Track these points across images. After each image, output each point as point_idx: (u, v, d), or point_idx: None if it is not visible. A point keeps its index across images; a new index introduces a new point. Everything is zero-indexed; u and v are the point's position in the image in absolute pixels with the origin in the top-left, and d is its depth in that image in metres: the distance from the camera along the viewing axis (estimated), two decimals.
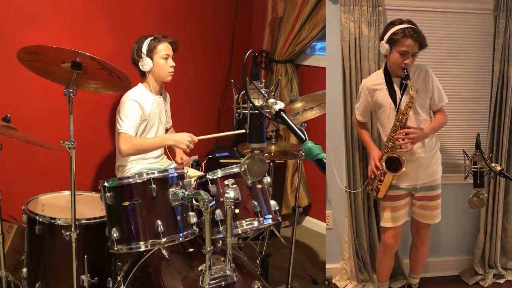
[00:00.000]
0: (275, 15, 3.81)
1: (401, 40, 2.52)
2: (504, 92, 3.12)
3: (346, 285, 3.25)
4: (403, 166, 2.62)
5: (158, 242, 2.11)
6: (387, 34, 2.57)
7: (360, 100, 2.80)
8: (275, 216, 2.36)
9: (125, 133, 2.69)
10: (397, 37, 2.53)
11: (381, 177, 2.70)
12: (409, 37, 2.51)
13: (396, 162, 2.65)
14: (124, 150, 2.68)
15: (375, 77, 2.76)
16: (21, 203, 2.47)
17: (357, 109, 2.85)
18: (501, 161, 3.18)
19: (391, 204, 2.79)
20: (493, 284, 3.30)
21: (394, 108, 2.66)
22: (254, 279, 2.17)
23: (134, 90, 2.81)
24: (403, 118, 2.61)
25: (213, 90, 3.95)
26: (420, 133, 2.64)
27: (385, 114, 2.71)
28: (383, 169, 2.66)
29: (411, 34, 2.51)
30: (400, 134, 2.61)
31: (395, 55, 2.57)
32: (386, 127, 2.72)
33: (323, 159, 1.41)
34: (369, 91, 2.73)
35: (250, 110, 1.62)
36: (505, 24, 3.06)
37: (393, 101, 2.67)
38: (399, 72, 2.60)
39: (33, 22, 2.86)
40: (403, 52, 2.54)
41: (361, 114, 2.84)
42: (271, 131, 3.03)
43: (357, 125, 2.92)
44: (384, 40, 2.58)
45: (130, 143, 2.68)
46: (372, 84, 2.73)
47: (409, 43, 2.52)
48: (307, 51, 3.93)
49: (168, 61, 2.83)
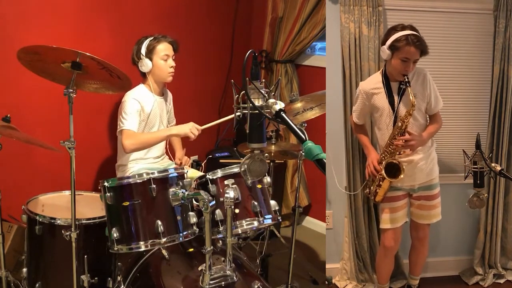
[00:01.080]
0: (275, 15, 3.81)
1: (403, 47, 2.50)
2: (504, 92, 3.12)
3: (346, 285, 3.25)
4: (402, 173, 2.62)
5: (158, 242, 2.10)
6: (389, 40, 2.54)
7: (357, 103, 2.79)
8: (275, 216, 2.35)
9: (128, 130, 2.68)
10: (399, 44, 2.51)
11: (380, 182, 2.70)
12: (412, 45, 2.49)
13: (395, 168, 2.65)
14: (127, 146, 2.65)
15: (373, 81, 2.74)
16: (21, 203, 2.47)
17: (354, 111, 2.84)
18: (501, 161, 3.18)
19: (389, 205, 2.79)
20: (493, 284, 3.30)
21: (392, 113, 2.66)
22: (254, 279, 2.17)
23: (135, 90, 2.81)
24: (403, 125, 2.60)
25: (213, 90, 3.95)
26: (419, 139, 2.64)
27: (382, 119, 2.71)
28: (382, 174, 2.65)
29: (414, 42, 2.49)
30: (400, 141, 2.61)
31: (396, 62, 2.56)
32: (383, 130, 2.72)
33: (323, 159, 1.41)
34: (366, 95, 2.71)
35: (250, 110, 1.62)
36: (505, 24, 3.06)
37: (391, 106, 2.66)
38: (399, 78, 2.60)
39: (33, 22, 2.86)
40: (404, 59, 2.52)
41: (358, 117, 2.83)
42: (271, 131, 3.03)
43: (354, 126, 2.91)
44: (386, 46, 2.56)
45: (133, 138, 2.67)
46: (370, 88, 2.71)
47: (411, 50, 2.50)
48: (307, 51, 3.93)
49: (168, 61, 2.82)
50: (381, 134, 2.75)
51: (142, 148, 2.77)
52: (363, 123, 2.89)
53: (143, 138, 2.74)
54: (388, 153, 2.66)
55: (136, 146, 2.70)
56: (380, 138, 2.77)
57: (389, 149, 2.65)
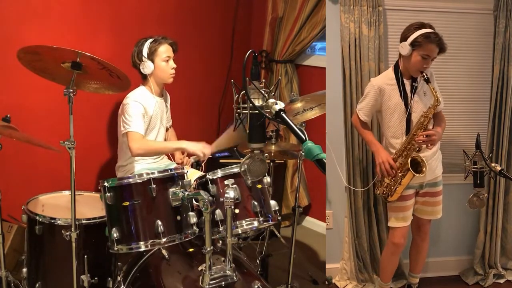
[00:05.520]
0: (275, 15, 3.82)
1: (425, 44, 2.55)
2: (504, 92, 3.12)
3: (346, 285, 3.25)
4: (424, 167, 2.63)
5: (158, 242, 2.10)
6: (412, 37, 2.57)
7: (366, 99, 2.75)
8: (275, 216, 2.36)
9: (134, 132, 2.66)
10: (421, 41, 2.55)
11: (401, 179, 2.69)
12: (434, 43, 2.55)
13: (415, 164, 2.66)
14: (135, 150, 2.65)
15: (386, 77, 2.75)
16: (21, 203, 2.48)
17: (361, 109, 2.79)
18: (501, 161, 3.18)
19: (400, 204, 2.80)
20: (493, 284, 3.30)
21: (405, 110, 2.67)
22: (254, 279, 2.17)
23: (137, 92, 2.79)
24: (425, 121, 2.62)
25: (213, 90, 3.95)
26: (439, 134, 2.67)
27: (394, 116, 2.71)
28: (405, 170, 2.65)
29: (435, 39, 2.55)
30: (421, 136, 2.62)
31: (417, 58, 2.59)
32: (393, 128, 2.72)
33: (323, 159, 1.41)
34: (380, 90, 2.70)
35: (250, 110, 1.62)
36: (505, 24, 3.06)
37: (404, 103, 2.67)
38: (416, 74, 2.64)
39: (33, 22, 2.86)
40: (425, 56, 2.57)
41: (366, 114, 2.79)
42: (271, 131, 3.03)
43: (360, 125, 2.85)
44: (408, 42, 2.59)
45: (142, 143, 2.67)
46: (384, 83, 2.72)
47: (432, 48, 2.56)
48: (307, 51, 3.93)
49: (170, 63, 2.81)
50: (390, 132, 2.74)
51: (148, 155, 2.79)
52: (369, 121, 2.87)
53: (152, 146, 2.76)
54: (407, 150, 2.66)
55: (144, 151, 2.71)
56: (390, 136, 2.75)
57: (408, 145, 2.66)
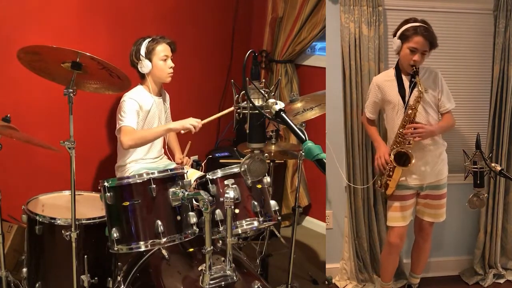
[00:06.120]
0: (275, 15, 3.81)
1: (411, 36, 2.61)
2: (504, 92, 3.12)
3: (346, 285, 3.25)
4: (411, 160, 2.66)
5: (158, 242, 2.10)
6: (400, 31, 2.66)
7: (369, 97, 2.86)
8: (275, 216, 2.35)
9: (126, 126, 2.68)
10: (408, 34, 2.62)
11: (390, 172, 2.73)
12: (420, 35, 2.59)
13: (404, 157, 2.69)
14: (125, 142, 2.65)
15: (386, 74, 2.84)
16: (21, 203, 2.47)
17: (366, 107, 2.90)
18: (501, 161, 3.18)
19: (398, 203, 2.81)
20: (493, 284, 3.30)
21: (403, 105, 2.71)
22: (254, 279, 2.17)
23: (133, 91, 2.81)
24: (412, 113, 2.65)
25: (213, 90, 3.95)
26: (428, 128, 2.68)
27: (393, 111, 2.75)
28: (392, 163, 2.69)
29: (421, 32, 2.59)
30: (409, 129, 2.65)
31: (405, 51, 2.65)
32: (394, 124, 2.75)
33: (323, 159, 1.41)
34: (379, 87, 2.78)
35: (250, 110, 1.62)
36: (505, 24, 3.06)
37: (402, 98, 2.71)
38: (408, 68, 2.68)
39: (33, 22, 2.86)
40: (412, 48, 2.62)
41: (371, 111, 2.88)
42: (271, 131, 3.03)
43: (367, 123, 2.95)
44: (396, 36, 2.67)
45: (131, 134, 2.67)
46: (382, 79, 2.80)
47: (418, 40, 2.60)
48: (307, 51, 3.93)
49: (167, 62, 2.83)
50: (391, 129, 2.79)
51: (140, 144, 2.75)
52: (375, 118, 2.93)
53: (140, 134, 2.73)
54: (397, 143, 2.70)
55: (134, 141, 2.68)
56: (391, 132, 2.81)
57: (399, 139, 2.69)
